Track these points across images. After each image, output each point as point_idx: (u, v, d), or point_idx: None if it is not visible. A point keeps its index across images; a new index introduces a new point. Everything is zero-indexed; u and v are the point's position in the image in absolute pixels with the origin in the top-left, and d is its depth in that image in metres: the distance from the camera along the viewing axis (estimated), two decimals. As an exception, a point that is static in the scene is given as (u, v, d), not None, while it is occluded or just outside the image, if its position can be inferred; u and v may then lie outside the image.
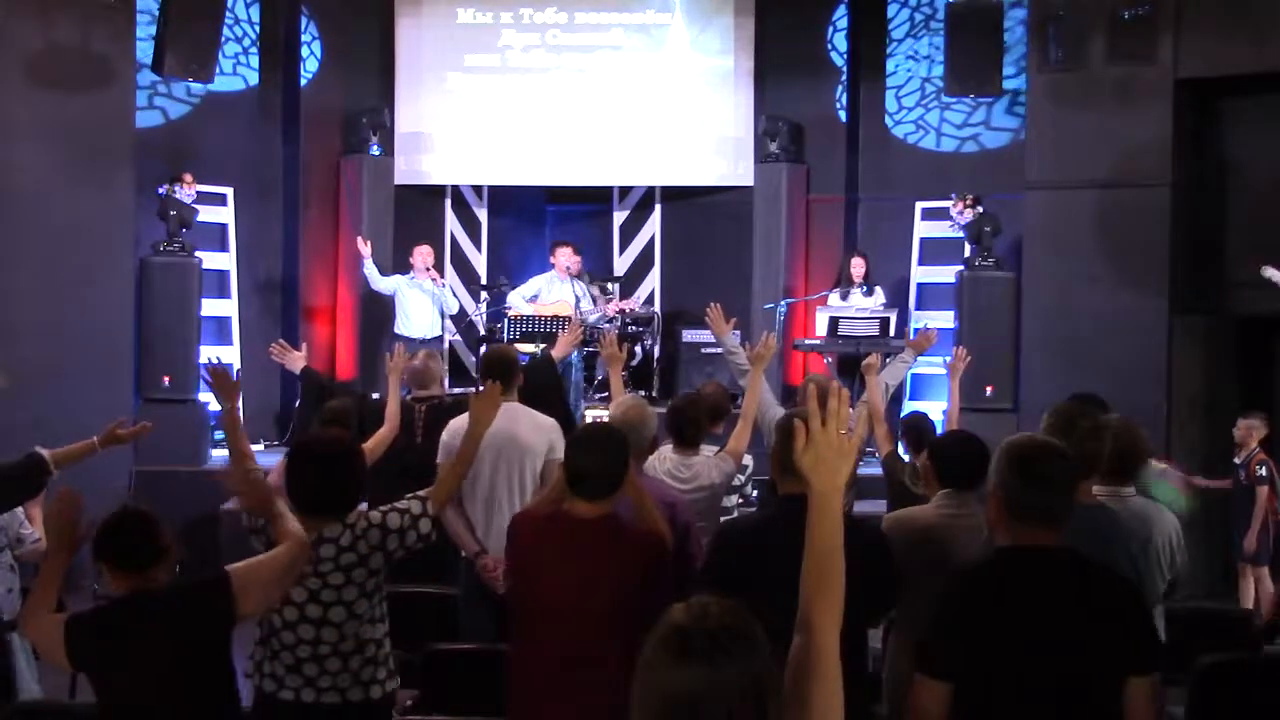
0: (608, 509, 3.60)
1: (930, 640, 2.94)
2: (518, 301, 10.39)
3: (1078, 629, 2.86)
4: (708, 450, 5.18)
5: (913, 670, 2.96)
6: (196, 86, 10.27)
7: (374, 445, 5.60)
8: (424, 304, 10.30)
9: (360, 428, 5.82)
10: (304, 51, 11.17)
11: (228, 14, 9.77)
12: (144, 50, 9.36)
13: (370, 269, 10.40)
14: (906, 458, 5.85)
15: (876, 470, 6.52)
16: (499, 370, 5.29)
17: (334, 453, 3.79)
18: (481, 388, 4.16)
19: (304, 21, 11.19)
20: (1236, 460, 8.01)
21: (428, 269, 10.29)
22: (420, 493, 3.88)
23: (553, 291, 10.36)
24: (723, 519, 5.23)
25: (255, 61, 10.95)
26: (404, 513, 3.80)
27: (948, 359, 6.66)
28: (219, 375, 4.34)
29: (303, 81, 11.13)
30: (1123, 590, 2.99)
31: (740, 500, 6.11)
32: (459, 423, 5.17)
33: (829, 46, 11.65)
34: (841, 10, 11.59)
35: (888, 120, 11.34)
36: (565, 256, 10.32)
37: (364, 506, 3.89)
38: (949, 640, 2.90)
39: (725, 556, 3.60)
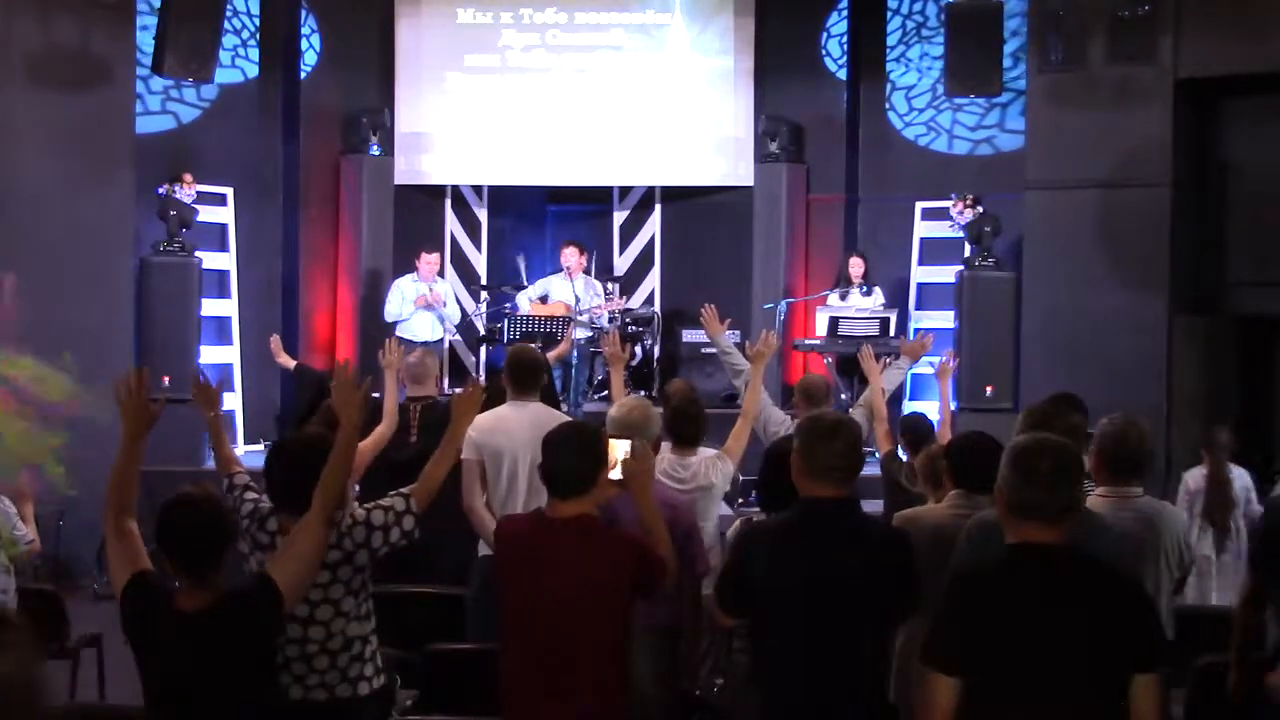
0: (585, 508, 3.59)
1: (936, 636, 2.98)
2: (525, 303, 10.40)
3: (1081, 626, 2.88)
4: (704, 451, 5.15)
5: (921, 665, 2.99)
6: (207, 90, 10.27)
7: (372, 443, 5.54)
8: (425, 312, 10.27)
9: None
10: (304, 45, 11.16)
11: (227, 6, 9.75)
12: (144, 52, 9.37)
13: (401, 308, 10.17)
14: (904, 457, 5.88)
15: (874, 470, 6.52)
16: (522, 371, 5.23)
17: (314, 450, 3.70)
18: (469, 386, 4.09)
19: (304, 15, 11.18)
20: None
21: (431, 288, 10.19)
22: (404, 490, 3.82)
23: (558, 291, 10.37)
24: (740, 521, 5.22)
25: (255, 55, 10.93)
26: (388, 510, 3.75)
27: (943, 359, 6.69)
28: (199, 387, 4.54)
29: (302, 75, 11.13)
30: (1127, 587, 3.00)
31: (741, 502, 6.11)
32: (483, 419, 5.17)
33: (828, 47, 11.65)
34: (841, 11, 11.59)
35: (898, 121, 11.33)
36: (567, 256, 10.34)
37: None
38: (952, 636, 2.93)
39: (750, 559, 3.55)
